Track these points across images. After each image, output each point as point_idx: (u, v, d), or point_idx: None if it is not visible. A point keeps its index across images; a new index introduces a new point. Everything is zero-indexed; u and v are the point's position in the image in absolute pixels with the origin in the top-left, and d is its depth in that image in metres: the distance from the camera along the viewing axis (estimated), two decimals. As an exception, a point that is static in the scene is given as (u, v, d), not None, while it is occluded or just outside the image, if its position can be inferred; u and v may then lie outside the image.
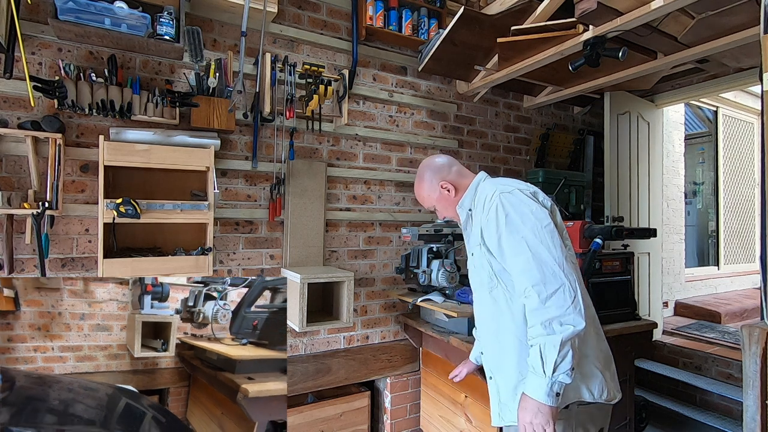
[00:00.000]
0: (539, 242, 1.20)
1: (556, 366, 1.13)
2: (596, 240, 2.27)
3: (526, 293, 1.21)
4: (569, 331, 1.14)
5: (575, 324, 1.14)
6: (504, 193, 1.29)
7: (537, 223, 1.22)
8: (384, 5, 2.55)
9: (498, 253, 1.29)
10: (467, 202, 1.44)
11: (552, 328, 1.15)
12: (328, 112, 2.46)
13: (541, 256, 1.19)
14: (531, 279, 1.18)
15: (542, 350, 1.15)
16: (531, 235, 1.21)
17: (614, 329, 2.39)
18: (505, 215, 1.25)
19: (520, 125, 3.29)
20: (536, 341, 1.17)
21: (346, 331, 2.55)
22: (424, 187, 1.49)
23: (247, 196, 2.29)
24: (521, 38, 2.16)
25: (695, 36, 2.19)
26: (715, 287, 4.61)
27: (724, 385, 3.00)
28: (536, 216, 1.23)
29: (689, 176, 4.66)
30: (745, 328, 1.33)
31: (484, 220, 1.32)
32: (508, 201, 1.27)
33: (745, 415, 1.32)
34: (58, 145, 1.77)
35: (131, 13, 1.77)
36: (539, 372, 1.15)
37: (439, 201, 1.48)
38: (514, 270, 1.24)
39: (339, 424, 2.47)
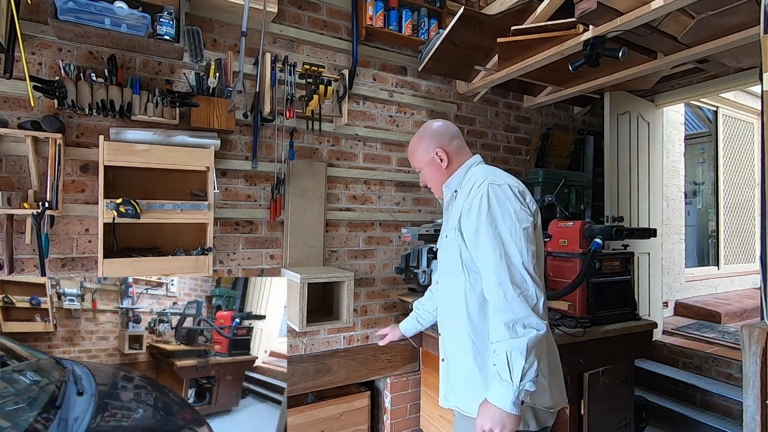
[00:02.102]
0: (513, 243, 1.20)
1: (523, 374, 1.12)
2: (596, 240, 2.27)
3: (491, 290, 1.21)
4: (533, 334, 1.14)
5: (537, 327, 1.15)
6: (493, 185, 1.26)
7: (516, 223, 1.21)
8: (384, 5, 2.55)
9: (471, 243, 1.27)
10: (455, 183, 1.42)
11: (515, 331, 1.14)
12: (328, 112, 2.46)
13: (512, 257, 1.19)
14: (499, 277, 1.18)
15: (509, 357, 1.13)
16: (507, 234, 1.21)
17: (614, 329, 2.39)
18: (488, 207, 1.23)
19: (520, 125, 3.29)
20: (500, 345, 1.16)
21: (346, 331, 2.55)
22: (420, 146, 1.47)
23: (247, 196, 2.29)
24: (521, 38, 2.16)
25: (695, 36, 2.19)
26: (715, 287, 4.61)
27: (724, 385, 3.00)
28: (518, 216, 1.22)
29: (689, 176, 4.67)
30: (745, 328, 1.33)
31: (466, 207, 1.30)
32: (494, 193, 1.25)
33: (745, 415, 1.32)
34: (58, 145, 1.77)
35: (131, 13, 1.77)
36: (506, 379, 1.13)
37: (428, 166, 1.46)
38: (484, 264, 1.23)
39: (339, 424, 2.47)
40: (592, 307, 2.40)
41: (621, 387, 2.45)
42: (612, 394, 2.41)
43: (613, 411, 2.43)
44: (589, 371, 2.30)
